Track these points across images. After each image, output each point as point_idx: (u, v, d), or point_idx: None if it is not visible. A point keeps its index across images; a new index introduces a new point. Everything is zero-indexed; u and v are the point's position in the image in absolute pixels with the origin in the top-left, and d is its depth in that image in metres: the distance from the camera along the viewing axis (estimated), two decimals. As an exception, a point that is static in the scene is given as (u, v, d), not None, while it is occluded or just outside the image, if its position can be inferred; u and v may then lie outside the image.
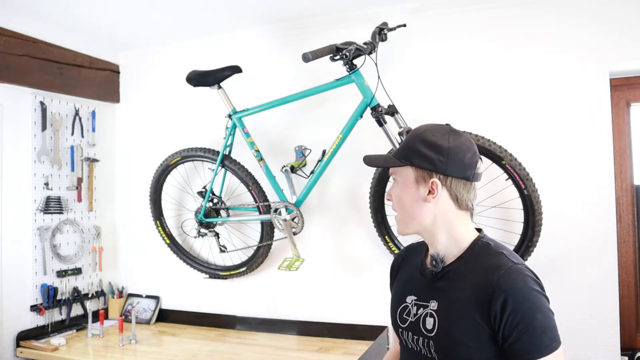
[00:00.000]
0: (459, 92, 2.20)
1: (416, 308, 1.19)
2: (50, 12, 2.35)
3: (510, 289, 1.03)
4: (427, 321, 1.14)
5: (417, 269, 1.26)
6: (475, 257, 1.14)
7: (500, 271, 1.06)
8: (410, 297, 1.22)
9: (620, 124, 2.10)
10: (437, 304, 1.14)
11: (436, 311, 1.13)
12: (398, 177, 1.20)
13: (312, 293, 2.47)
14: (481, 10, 2.17)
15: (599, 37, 2.00)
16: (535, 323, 1.01)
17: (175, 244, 2.70)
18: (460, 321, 1.08)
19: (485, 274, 1.07)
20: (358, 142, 2.26)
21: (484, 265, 1.10)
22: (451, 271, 1.15)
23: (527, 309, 1.02)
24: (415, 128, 1.22)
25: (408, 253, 1.37)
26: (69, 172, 2.67)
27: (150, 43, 2.83)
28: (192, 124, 2.75)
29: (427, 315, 1.15)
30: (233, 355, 2.22)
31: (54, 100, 2.60)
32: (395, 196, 1.21)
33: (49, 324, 2.51)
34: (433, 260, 1.18)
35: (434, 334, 1.12)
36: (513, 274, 1.05)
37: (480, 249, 1.15)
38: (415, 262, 1.29)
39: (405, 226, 1.21)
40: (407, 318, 1.20)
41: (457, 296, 1.10)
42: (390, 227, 2.21)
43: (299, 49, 2.06)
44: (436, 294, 1.15)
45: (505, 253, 1.12)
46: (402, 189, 1.19)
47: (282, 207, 2.29)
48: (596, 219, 1.99)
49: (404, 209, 1.20)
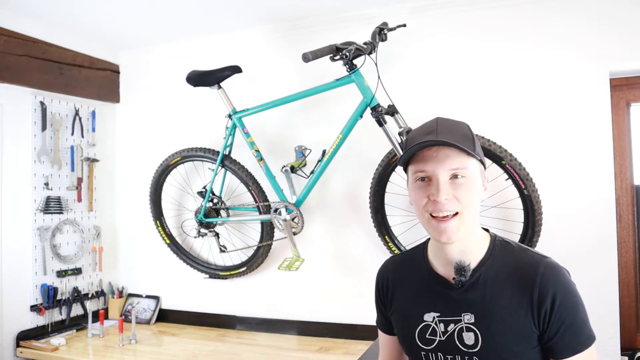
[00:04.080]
0: (459, 92, 2.20)
1: (443, 325, 1.06)
2: (50, 12, 2.35)
3: (556, 285, 0.99)
4: (466, 337, 1.03)
5: (427, 282, 1.13)
6: (500, 257, 1.06)
7: (540, 268, 1.00)
8: (429, 315, 1.09)
9: (620, 124, 2.10)
10: (473, 316, 1.03)
11: (474, 324, 1.03)
12: (467, 172, 1.03)
13: (312, 293, 2.47)
14: (481, 10, 2.17)
15: (599, 36, 2.00)
16: (578, 316, 0.99)
17: (175, 244, 2.70)
18: (508, 328, 1.00)
19: (523, 274, 1.01)
20: (358, 142, 2.27)
21: (516, 265, 1.04)
22: (480, 278, 1.05)
23: (572, 303, 0.99)
24: (451, 120, 1.11)
25: (398, 268, 1.23)
26: (69, 172, 2.67)
27: (150, 43, 2.83)
28: (192, 124, 2.75)
29: (462, 330, 1.04)
30: (233, 355, 2.22)
31: (54, 100, 2.60)
32: (469, 192, 1.03)
33: (49, 324, 2.51)
34: (461, 270, 1.05)
35: (478, 349, 1.02)
36: (554, 270, 1.01)
37: (501, 248, 1.08)
38: (418, 275, 1.16)
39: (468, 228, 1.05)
40: (433, 338, 1.07)
41: (496, 303, 1.02)
42: (390, 227, 2.21)
43: (299, 49, 2.06)
44: (468, 305, 1.04)
45: (529, 248, 1.09)
46: (473, 184, 1.04)
47: (282, 207, 2.29)
48: (596, 219, 1.99)
49: (474, 206, 1.05)
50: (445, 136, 1.03)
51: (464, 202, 1.02)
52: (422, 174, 1.05)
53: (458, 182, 1.03)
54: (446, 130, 1.05)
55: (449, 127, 1.06)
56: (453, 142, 1.01)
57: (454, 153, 1.02)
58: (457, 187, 1.02)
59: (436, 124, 1.07)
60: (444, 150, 1.03)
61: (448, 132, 1.04)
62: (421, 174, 1.05)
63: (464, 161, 1.03)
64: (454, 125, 1.09)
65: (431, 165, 1.03)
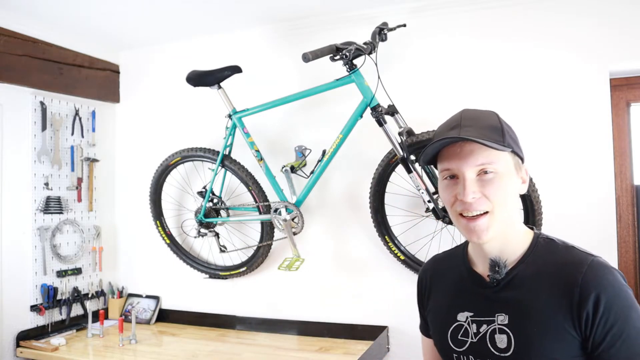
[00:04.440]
0: (459, 92, 2.20)
1: (476, 326, 1.00)
2: (50, 12, 2.35)
3: (600, 286, 0.88)
4: (498, 339, 0.96)
5: (463, 280, 1.07)
6: (541, 255, 0.98)
7: (583, 267, 0.91)
8: (463, 314, 1.03)
9: (620, 124, 2.10)
10: (507, 317, 0.96)
11: (508, 325, 0.96)
12: (497, 166, 0.96)
13: (312, 293, 2.47)
14: (481, 10, 2.17)
15: (599, 36, 2.00)
16: (630, 323, 0.87)
17: (175, 244, 2.70)
18: (544, 333, 0.91)
19: (564, 273, 0.93)
20: (358, 142, 2.27)
21: (558, 263, 0.95)
22: (517, 276, 0.98)
23: (621, 307, 0.88)
24: (480, 111, 1.04)
25: (438, 267, 1.18)
26: (69, 172, 2.67)
27: (150, 43, 2.83)
28: (192, 124, 2.75)
29: (494, 331, 0.97)
30: (233, 355, 2.22)
31: (54, 100, 2.60)
32: (499, 189, 0.96)
33: (49, 324, 2.51)
34: (495, 266, 0.99)
35: (510, 353, 0.94)
36: (599, 269, 0.91)
37: (544, 246, 1.00)
38: (455, 273, 1.10)
39: (500, 225, 0.98)
40: (465, 339, 1.02)
41: (533, 304, 0.94)
42: (390, 227, 2.21)
43: (299, 49, 2.06)
44: (503, 305, 0.98)
45: (577, 247, 0.99)
46: (506, 179, 0.97)
47: (282, 207, 2.29)
48: (596, 219, 1.99)
49: (507, 203, 0.98)
50: (468, 130, 0.96)
51: (494, 200, 0.95)
52: (448, 172, 1.00)
53: (487, 178, 0.96)
54: (470, 124, 0.98)
55: (474, 120, 0.99)
56: (475, 137, 0.93)
57: (479, 148, 0.95)
58: (485, 184, 0.96)
59: (460, 117, 1.01)
60: (468, 146, 0.96)
61: (472, 125, 0.97)
62: (447, 173, 1.00)
63: (491, 155, 0.95)
64: (480, 116, 1.01)
65: (456, 163, 0.97)
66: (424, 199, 1.99)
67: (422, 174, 2.02)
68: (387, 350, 2.29)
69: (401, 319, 2.28)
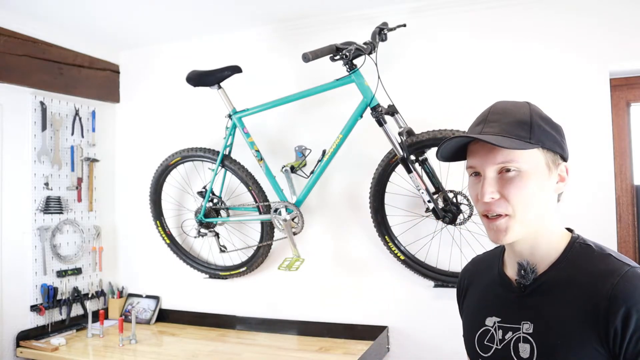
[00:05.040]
0: (459, 92, 2.20)
1: (502, 332, 0.96)
2: (50, 12, 2.35)
3: (631, 299, 0.81)
4: (521, 348, 0.91)
5: (495, 283, 1.03)
6: (575, 262, 0.92)
7: (615, 278, 0.84)
8: (491, 319, 0.99)
9: (620, 124, 2.10)
10: (532, 325, 0.91)
11: (532, 335, 0.91)
12: (522, 164, 0.90)
13: (312, 293, 2.47)
14: (481, 10, 2.17)
15: (599, 36, 2.00)
16: None
17: (175, 244, 2.70)
18: (568, 346, 0.85)
19: (595, 283, 0.86)
20: (358, 142, 2.27)
21: (591, 272, 0.88)
22: (546, 282, 0.92)
23: None
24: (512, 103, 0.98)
25: (477, 267, 1.14)
26: (69, 172, 2.67)
27: (150, 43, 2.83)
28: (192, 124, 2.75)
29: (518, 340, 0.92)
30: (233, 355, 2.22)
31: (54, 100, 2.60)
32: (518, 189, 0.90)
33: (49, 324, 2.51)
34: (521, 270, 0.94)
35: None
36: (633, 280, 0.84)
37: (580, 252, 0.93)
38: (489, 275, 1.06)
39: (520, 227, 0.92)
40: (490, 345, 0.97)
41: (560, 314, 0.88)
42: (390, 227, 2.21)
43: (299, 49, 2.06)
44: (529, 313, 0.93)
45: (614, 255, 0.91)
46: (531, 178, 0.90)
47: (282, 207, 2.29)
48: (596, 219, 1.99)
49: (529, 203, 0.91)
50: (492, 126, 0.92)
51: (515, 201, 0.90)
52: (472, 169, 0.96)
53: (508, 177, 0.90)
54: (496, 119, 0.93)
55: (500, 114, 0.94)
56: (498, 134, 0.89)
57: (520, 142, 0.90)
58: (506, 183, 0.90)
59: (488, 112, 0.96)
60: None
61: (498, 120, 0.93)
62: (471, 170, 0.96)
63: (513, 153, 0.89)
64: (508, 109, 0.95)
65: (478, 160, 0.93)
66: (424, 199, 1.99)
67: (422, 174, 2.02)
68: (387, 350, 2.29)
69: (401, 319, 2.28)
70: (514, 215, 0.91)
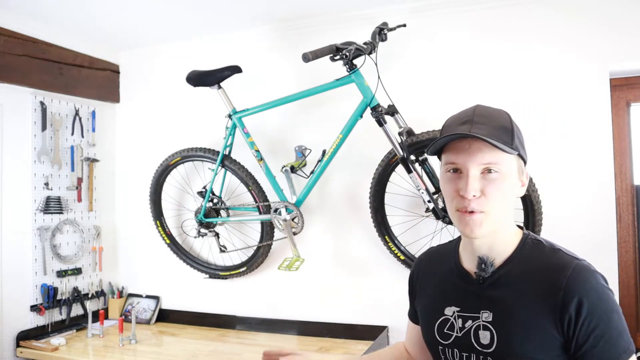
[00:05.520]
0: (459, 92, 2.20)
1: (462, 321, 1.04)
2: (50, 12, 2.35)
3: (583, 290, 0.91)
4: (482, 335, 0.99)
5: (452, 275, 1.10)
6: (528, 256, 1.01)
7: (567, 271, 0.94)
8: (450, 309, 1.07)
9: (620, 124, 2.10)
10: (491, 314, 0.99)
11: (492, 322, 0.99)
12: (501, 167, 0.98)
13: (312, 293, 2.47)
14: (481, 10, 2.17)
15: (599, 36, 2.00)
16: (612, 325, 0.92)
17: (175, 244, 2.70)
18: (526, 332, 0.95)
19: (549, 276, 0.95)
20: (358, 142, 2.27)
21: (544, 266, 0.98)
22: (504, 275, 1.01)
23: (603, 310, 0.92)
24: (495, 109, 1.05)
25: (431, 258, 1.22)
26: (69, 172, 2.67)
27: (150, 43, 2.83)
28: (192, 124, 2.75)
29: (479, 328, 1.00)
30: (233, 355, 2.22)
31: (54, 100, 2.60)
32: (498, 189, 0.98)
33: (49, 324, 2.51)
34: (482, 264, 1.02)
35: (492, 350, 0.97)
36: (582, 273, 0.94)
37: (532, 247, 1.02)
38: (445, 267, 1.13)
39: (493, 224, 1.00)
40: (450, 333, 1.05)
41: (517, 304, 0.97)
42: (390, 227, 2.21)
43: (299, 49, 2.06)
44: (488, 302, 1.01)
45: (563, 250, 1.01)
46: (507, 180, 0.99)
47: (282, 207, 2.29)
48: (596, 219, 1.99)
49: (504, 203, 1.00)
50: (480, 128, 0.97)
51: (492, 200, 0.97)
52: (452, 165, 1.01)
53: (490, 177, 0.98)
54: (483, 121, 0.99)
55: (487, 118, 1.00)
56: (487, 136, 0.95)
57: (488, 146, 0.96)
58: (487, 183, 0.98)
59: (473, 113, 1.02)
60: (477, 143, 0.97)
61: (485, 123, 0.99)
62: (451, 166, 1.01)
63: (498, 155, 0.97)
64: (493, 114, 1.02)
65: (462, 158, 0.98)
66: (424, 199, 1.99)
67: (422, 174, 2.02)
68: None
69: (401, 319, 2.25)
70: (489, 213, 0.98)
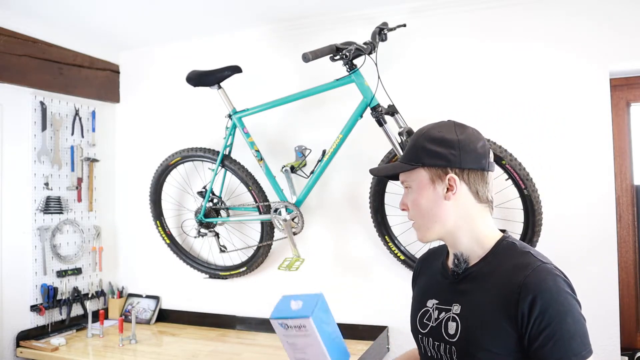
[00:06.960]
0: (459, 92, 2.20)
1: (437, 312, 1.12)
2: (50, 12, 2.35)
3: (538, 289, 0.95)
4: (450, 326, 1.07)
5: (438, 271, 1.19)
6: (500, 257, 1.07)
7: (528, 270, 0.98)
8: (431, 301, 1.15)
9: (620, 124, 2.10)
10: (460, 307, 1.07)
11: (459, 315, 1.06)
12: (411, 182, 1.12)
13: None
14: (481, 10, 2.17)
15: (599, 36, 2.00)
16: (564, 327, 0.93)
17: (175, 244, 2.70)
18: (485, 325, 1.01)
19: (511, 274, 1.00)
20: (358, 142, 2.27)
21: (510, 265, 1.03)
22: (475, 272, 1.08)
23: (556, 311, 0.94)
24: (418, 129, 1.16)
25: (429, 256, 1.31)
26: (69, 172, 2.67)
27: (150, 43, 2.83)
28: (192, 124, 2.75)
29: (449, 319, 1.08)
30: (233, 355, 2.22)
31: (54, 100, 2.60)
32: (412, 202, 1.12)
33: (49, 324, 2.51)
34: (455, 260, 1.11)
35: (456, 340, 1.05)
36: (541, 273, 0.98)
37: (505, 248, 1.08)
38: (436, 264, 1.22)
39: (427, 232, 1.12)
40: (427, 323, 1.13)
41: (481, 299, 1.03)
42: (390, 227, 2.21)
43: (299, 49, 2.06)
44: (459, 296, 1.08)
45: (532, 252, 1.05)
46: (418, 193, 1.11)
47: (282, 207, 2.29)
48: (596, 219, 1.99)
49: (423, 213, 1.12)
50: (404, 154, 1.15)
51: (413, 210, 1.13)
52: None
53: (406, 192, 1.15)
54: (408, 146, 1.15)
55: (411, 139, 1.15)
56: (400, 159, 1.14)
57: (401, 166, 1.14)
58: (406, 197, 1.15)
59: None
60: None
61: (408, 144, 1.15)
62: None
63: (406, 173, 1.13)
64: (416, 134, 1.14)
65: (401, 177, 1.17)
66: (424, 199, 1.99)
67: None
68: (387, 350, 2.29)
69: (401, 319, 2.28)
70: (417, 221, 1.14)
